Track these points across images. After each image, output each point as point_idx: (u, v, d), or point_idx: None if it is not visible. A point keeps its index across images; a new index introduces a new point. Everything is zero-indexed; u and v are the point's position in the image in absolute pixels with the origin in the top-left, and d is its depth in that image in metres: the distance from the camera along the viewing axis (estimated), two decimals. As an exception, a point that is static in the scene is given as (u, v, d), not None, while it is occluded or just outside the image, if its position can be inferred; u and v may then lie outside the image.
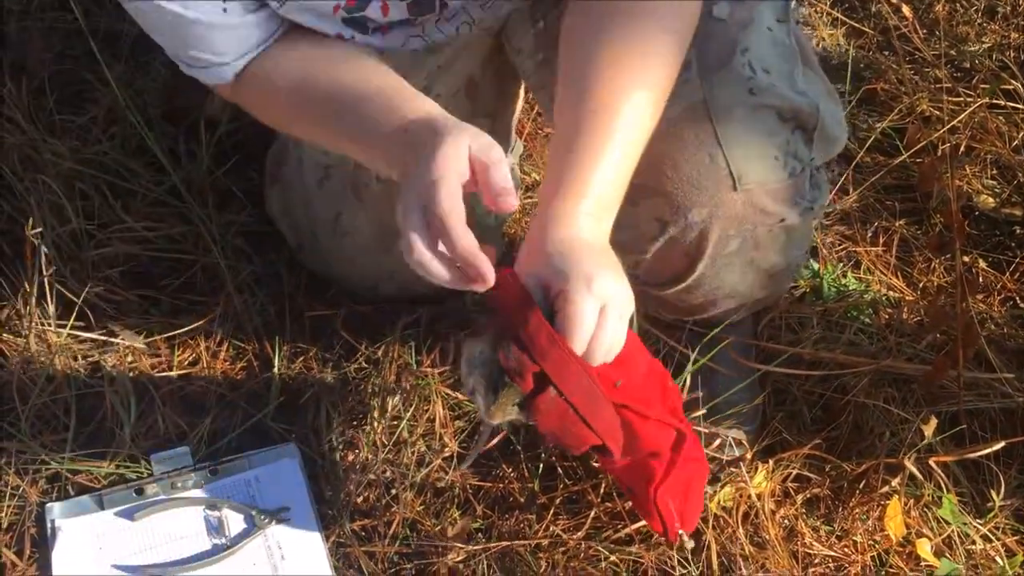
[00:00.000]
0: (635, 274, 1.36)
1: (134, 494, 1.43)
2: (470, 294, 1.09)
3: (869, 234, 1.96)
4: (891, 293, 1.85)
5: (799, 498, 1.52)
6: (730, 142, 1.23)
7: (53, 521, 1.40)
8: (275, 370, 1.61)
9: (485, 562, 1.43)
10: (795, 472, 1.53)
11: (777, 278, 1.47)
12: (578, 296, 1.00)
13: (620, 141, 1.10)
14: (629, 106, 1.11)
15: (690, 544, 1.34)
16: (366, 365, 1.62)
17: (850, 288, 1.84)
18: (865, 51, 2.30)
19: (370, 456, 1.53)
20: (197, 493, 1.45)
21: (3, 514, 1.41)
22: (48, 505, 1.41)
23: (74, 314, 1.52)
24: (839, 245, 1.94)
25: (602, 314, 1.02)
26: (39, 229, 1.39)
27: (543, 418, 1.04)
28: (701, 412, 1.48)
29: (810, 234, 1.43)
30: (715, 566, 1.40)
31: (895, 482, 1.48)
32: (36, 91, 1.73)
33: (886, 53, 2.30)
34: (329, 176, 1.56)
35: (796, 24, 1.38)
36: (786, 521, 1.49)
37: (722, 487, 1.43)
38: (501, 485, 1.55)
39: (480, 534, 1.49)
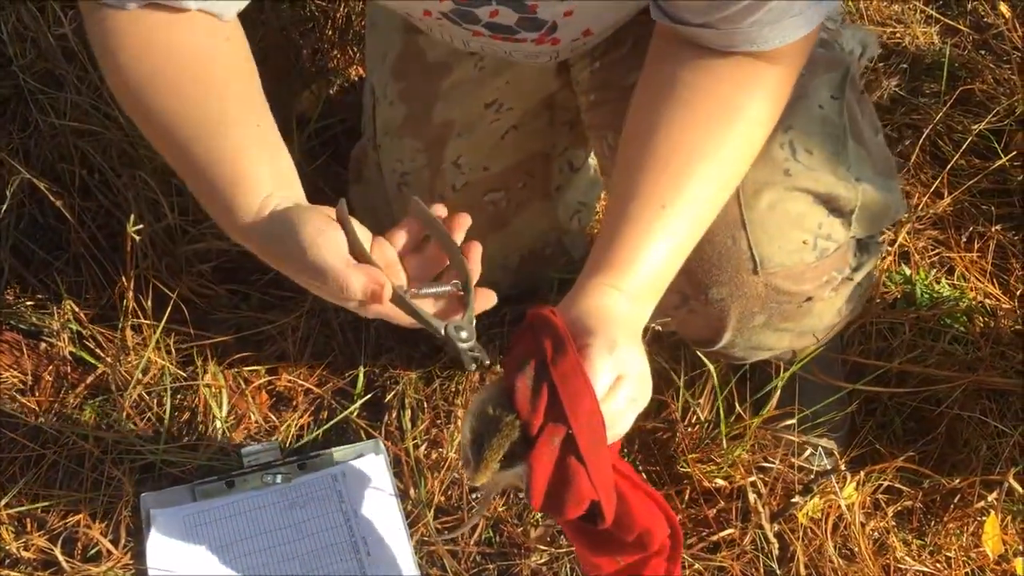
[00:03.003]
0: (669, 331, 1.34)
1: (225, 486, 1.46)
2: None
3: (964, 239, 1.90)
4: (987, 301, 1.79)
5: (890, 511, 1.49)
6: (755, 225, 1.19)
7: (148, 511, 1.43)
8: (360, 367, 1.62)
9: (568, 565, 1.43)
10: (886, 484, 1.49)
11: (822, 336, 1.38)
12: (597, 354, 0.93)
13: (680, 227, 1.02)
14: (696, 190, 1.02)
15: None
16: (451, 364, 1.63)
17: (943, 295, 1.79)
18: (960, 50, 2.23)
19: (454, 455, 1.54)
20: (285, 487, 1.47)
21: (100, 504, 1.45)
22: (143, 495, 1.44)
23: (169, 308, 1.55)
24: (932, 250, 1.89)
25: (616, 384, 0.94)
26: (140, 226, 1.41)
27: (539, 467, 0.91)
28: (792, 421, 1.46)
29: (861, 291, 1.33)
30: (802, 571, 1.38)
31: (992, 497, 1.44)
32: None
33: (982, 52, 2.23)
34: (407, 183, 1.57)
35: (861, 93, 1.32)
36: (876, 534, 1.46)
37: (812, 498, 1.40)
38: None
39: (563, 537, 1.48)
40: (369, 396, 1.60)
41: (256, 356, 1.64)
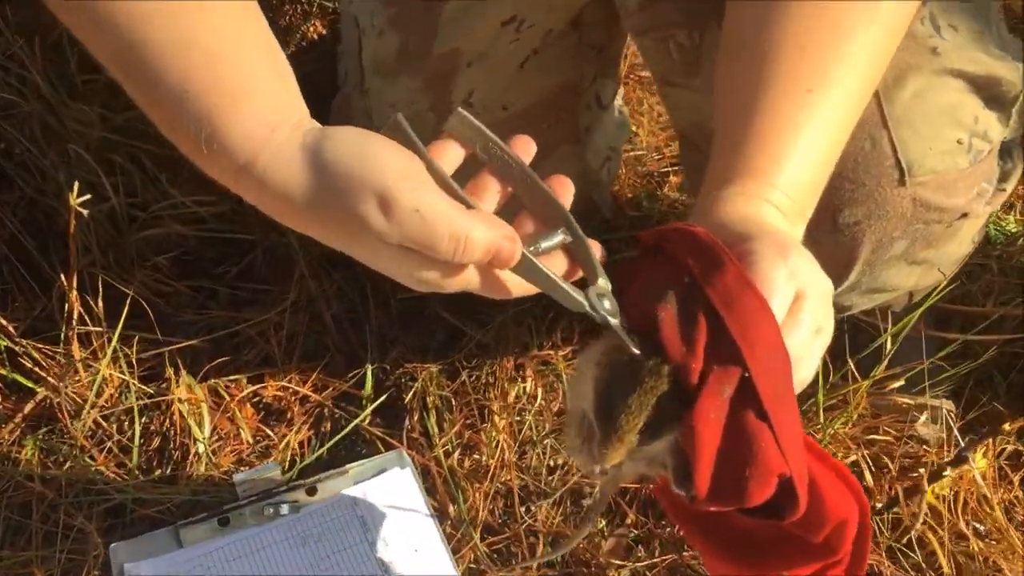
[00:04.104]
0: None
1: (217, 524, 1.16)
2: None
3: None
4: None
5: (1016, 478, 1.26)
6: (899, 121, 0.96)
7: (122, 565, 1.12)
8: (368, 365, 1.33)
9: (657, 581, 1.17)
10: (1009, 448, 1.27)
11: (950, 271, 1.16)
12: (768, 261, 0.68)
13: (831, 116, 0.78)
14: (845, 70, 0.79)
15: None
16: (477, 352, 1.35)
17: (1011, 231, 1.59)
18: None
19: (493, 461, 1.26)
20: (294, 518, 1.18)
21: (57, 562, 1.13)
22: (113, 546, 1.14)
23: (125, 311, 1.23)
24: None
25: (796, 306, 0.69)
26: (87, 196, 1.10)
27: (705, 431, 0.65)
28: (899, 383, 1.22)
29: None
30: (943, 562, 1.14)
31: None
32: (52, 48, 1.44)
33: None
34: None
35: None
36: (1008, 507, 1.23)
37: (941, 470, 1.16)
38: (650, 486, 1.28)
39: (640, 547, 1.22)
40: (382, 399, 1.31)
41: (235, 362, 1.36)
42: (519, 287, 0.71)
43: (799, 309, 0.69)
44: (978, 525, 1.22)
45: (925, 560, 1.16)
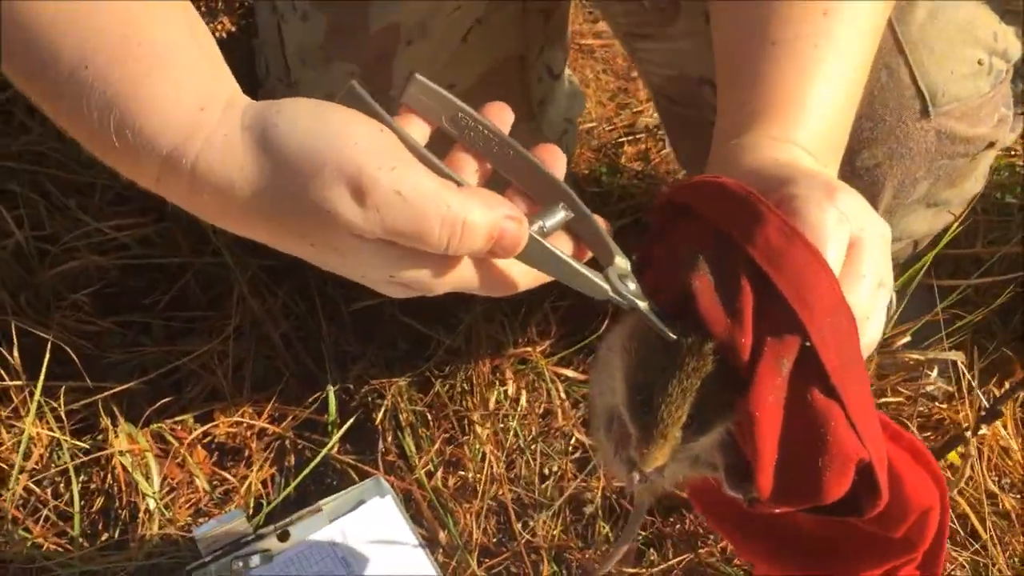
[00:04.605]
0: None
1: (182, 589, 1.02)
2: None
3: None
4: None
5: (1034, 426, 1.19)
6: (916, 45, 0.88)
7: (76, 651, 0.98)
8: (329, 387, 1.20)
9: (681, 588, 1.07)
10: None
11: (960, 211, 1.08)
12: (814, 206, 0.57)
13: (852, 42, 0.69)
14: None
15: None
16: (447, 358, 1.23)
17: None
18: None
19: (480, 476, 1.15)
20: (268, 570, 1.04)
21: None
22: (63, 630, 0.99)
23: (46, 360, 1.08)
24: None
25: (853, 254, 0.58)
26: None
27: (765, 416, 0.55)
28: (906, 340, 1.14)
29: None
30: (977, 526, 1.06)
31: None
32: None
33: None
34: None
35: None
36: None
37: (967, 429, 1.08)
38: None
39: (652, 550, 1.12)
40: (349, 423, 1.19)
41: (178, 402, 1.23)
42: (526, 278, 0.59)
43: (857, 259, 0.58)
44: (1004, 480, 1.14)
45: (960, 526, 1.08)
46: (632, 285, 0.58)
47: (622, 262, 0.59)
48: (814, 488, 0.56)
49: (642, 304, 0.58)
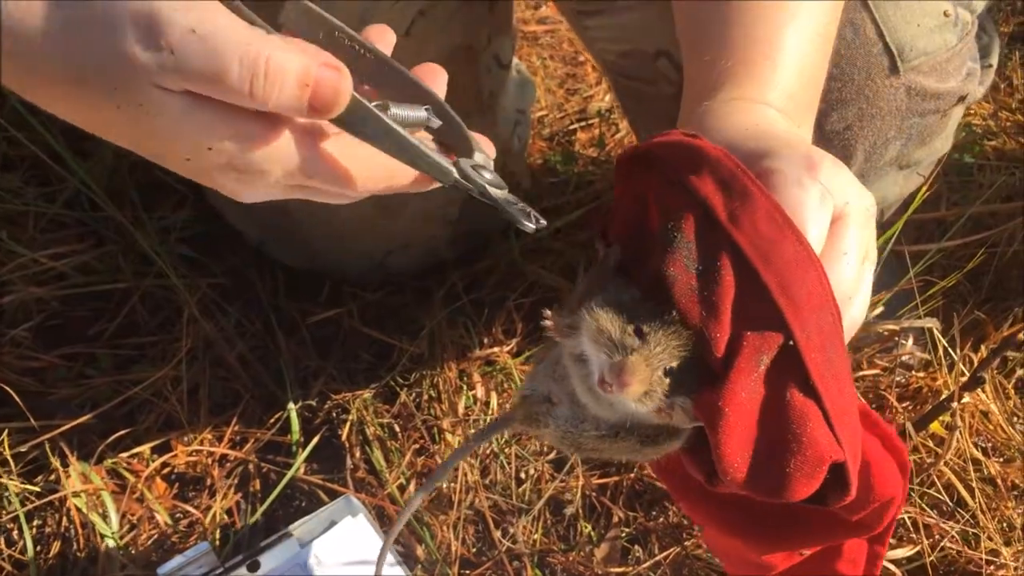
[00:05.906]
0: None
1: (150, 632, 0.97)
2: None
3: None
4: (989, 123, 1.51)
5: (1010, 385, 1.17)
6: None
7: None
8: (290, 404, 1.15)
9: (663, 582, 1.04)
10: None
11: (933, 166, 1.05)
12: (795, 184, 0.55)
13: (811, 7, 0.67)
14: None
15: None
16: (411, 366, 1.18)
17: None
18: None
19: (455, 486, 1.10)
20: (240, 605, 1.00)
21: None
22: None
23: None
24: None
25: (836, 228, 0.56)
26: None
27: (735, 416, 0.52)
28: (879, 310, 1.11)
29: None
30: (964, 494, 1.04)
31: None
32: None
33: None
34: None
35: None
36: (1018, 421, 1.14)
37: (950, 397, 1.06)
38: (632, 475, 1.15)
39: (637, 546, 1.09)
40: (315, 441, 1.14)
41: (132, 434, 1.17)
42: (365, 171, 0.53)
43: (840, 235, 0.55)
44: (986, 445, 1.12)
45: (947, 494, 1.05)
46: (488, 175, 0.55)
47: (481, 157, 0.56)
48: (781, 487, 0.54)
49: (497, 192, 0.55)
